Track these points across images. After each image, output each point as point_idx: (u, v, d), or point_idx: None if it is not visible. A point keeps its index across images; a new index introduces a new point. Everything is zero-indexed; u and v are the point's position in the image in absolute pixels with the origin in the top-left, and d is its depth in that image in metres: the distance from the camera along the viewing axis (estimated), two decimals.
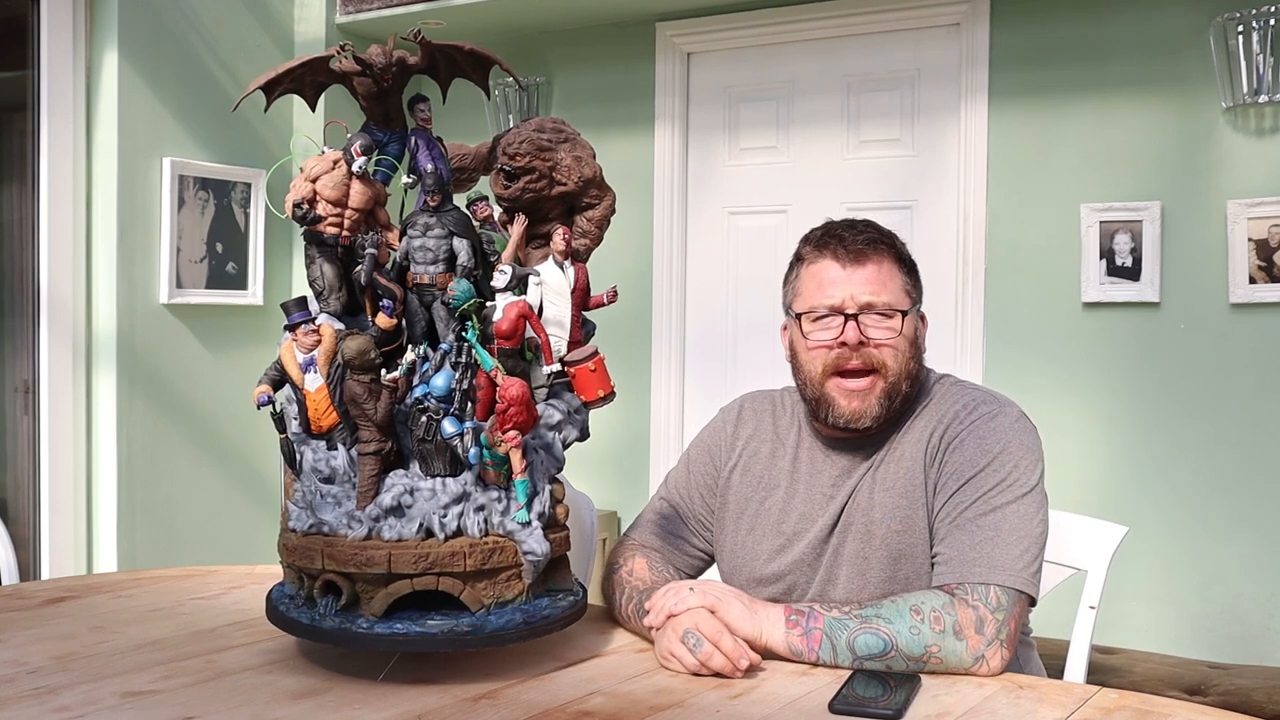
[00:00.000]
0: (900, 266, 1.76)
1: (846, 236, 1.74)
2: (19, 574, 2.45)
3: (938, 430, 1.71)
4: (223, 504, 3.95)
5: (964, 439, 1.68)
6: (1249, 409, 3.17)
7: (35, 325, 3.60)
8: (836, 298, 1.72)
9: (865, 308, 1.71)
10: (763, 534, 1.82)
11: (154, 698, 1.40)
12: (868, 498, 1.73)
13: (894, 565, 1.70)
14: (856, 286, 1.71)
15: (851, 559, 1.73)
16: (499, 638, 1.44)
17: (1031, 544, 1.61)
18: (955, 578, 1.59)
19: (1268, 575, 3.14)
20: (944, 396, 1.76)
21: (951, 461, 1.68)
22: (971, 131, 3.52)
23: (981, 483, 1.64)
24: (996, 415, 1.70)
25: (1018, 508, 1.62)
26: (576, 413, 1.59)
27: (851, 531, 1.73)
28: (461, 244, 1.57)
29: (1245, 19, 3.09)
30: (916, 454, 1.72)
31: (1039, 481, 1.67)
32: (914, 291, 1.78)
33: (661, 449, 4.01)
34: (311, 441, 1.54)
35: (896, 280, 1.74)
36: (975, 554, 1.60)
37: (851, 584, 1.72)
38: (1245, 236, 3.11)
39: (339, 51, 1.59)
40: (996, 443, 1.67)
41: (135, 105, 3.66)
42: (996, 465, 1.65)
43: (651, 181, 4.02)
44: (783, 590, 1.79)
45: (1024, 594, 1.59)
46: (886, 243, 1.76)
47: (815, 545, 1.76)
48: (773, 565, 1.80)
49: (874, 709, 1.35)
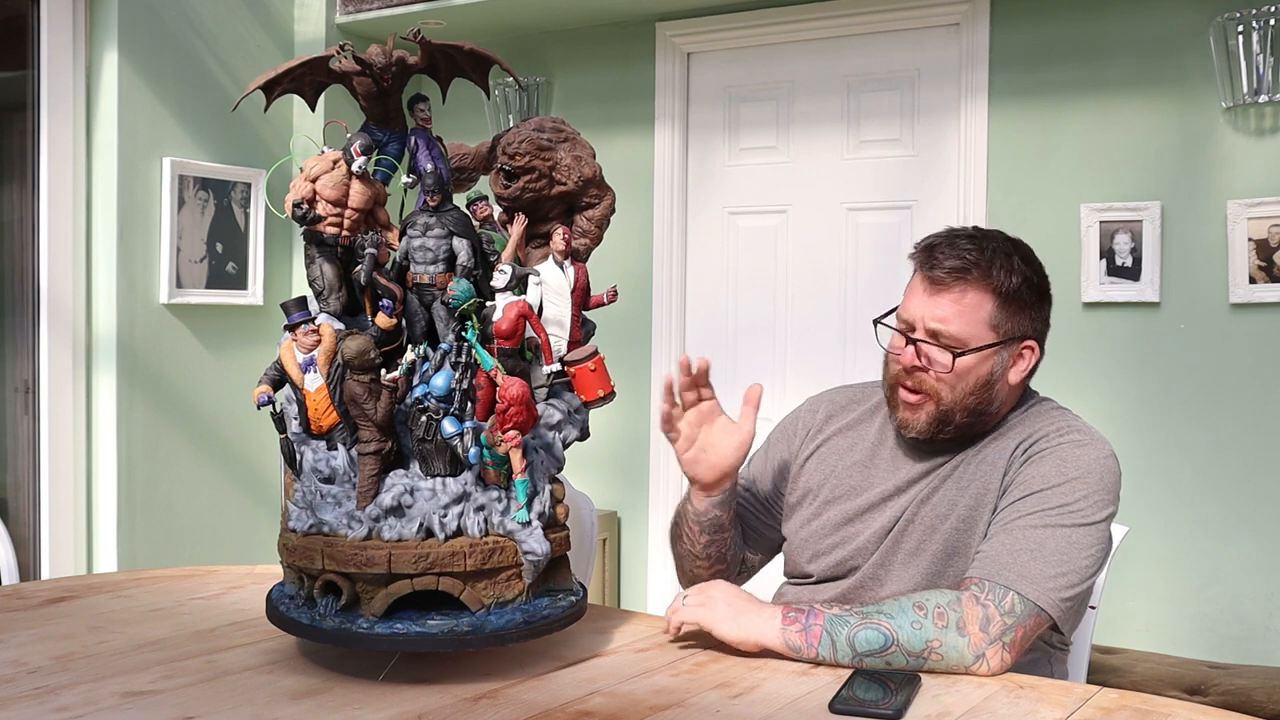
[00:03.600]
0: (994, 298, 1.69)
1: (940, 257, 1.70)
2: (19, 574, 2.45)
3: (1025, 442, 1.70)
4: (223, 504, 3.95)
5: (1045, 456, 1.67)
6: (1249, 409, 3.17)
7: (35, 325, 3.60)
8: (911, 315, 1.72)
9: (931, 335, 1.70)
10: (831, 518, 1.82)
11: (154, 698, 1.40)
12: (941, 494, 1.73)
13: (945, 561, 1.70)
14: (929, 310, 1.70)
15: (910, 550, 1.73)
16: (499, 638, 1.45)
17: (1071, 571, 1.58)
18: (980, 573, 1.58)
19: (1268, 575, 3.14)
20: (1042, 415, 1.76)
21: (1026, 473, 1.67)
22: (971, 131, 3.52)
23: (1047, 499, 1.62)
24: (1086, 445, 1.68)
25: (1071, 534, 1.60)
26: (576, 413, 1.59)
27: (916, 523, 1.73)
28: (461, 244, 1.57)
29: (1245, 19, 3.09)
30: (999, 461, 1.71)
31: (1105, 520, 1.64)
32: (1010, 326, 1.71)
33: (662, 449, 4.01)
34: (311, 441, 1.54)
35: (979, 313, 1.69)
36: (1010, 559, 1.58)
37: (903, 572, 1.72)
38: (1245, 236, 3.11)
39: (339, 51, 1.59)
40: (1076, 469, 1.65)
41: (135, 105, 3.66)
42: (1068, 489, 1.63)
43: (651, 181, 4.02)
44: (843, 571, 1.79)
45: (1045, 612, 1.56)
46: (982, 271, 1.69)
47: (879, 533, 1.76)
48: (837, 550, 1.80)
49: (874, 709, 1.35)
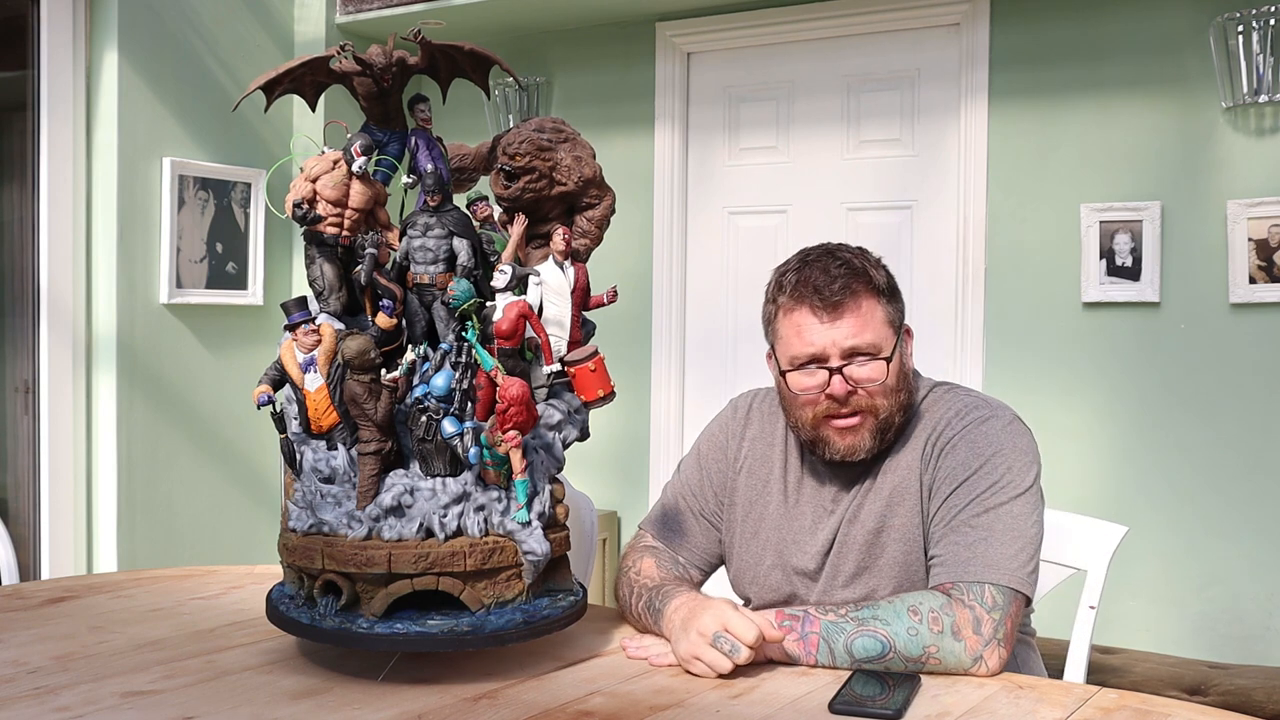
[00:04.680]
0: (880, 299, 1.69)
1: (823, 286, 1.67)
2: (19, 574, 2.45)
3: (931, 437, 1.71)
4: (223, 504, 3.95)
5: (956, 444, 1.68)
6: (1249, 409, 3.17)
7: (35, 325, 3.60)
8: (818, 346, 1.67)
9: (849, 353, 1.67)
10: (765, 542, 1.81)
11: (154, 698, 1.40)
12: (867, 509, 1.72)
13: (895, 575, 1.70)
14: (838, 334, 1.66)
15: (852, 572, 1.73)
16: (499, 638, 1.45)
17: (1026, 544, 1.61)
18: (950, 577, 1.59)
19: (1268, 575, 3.14)
20: (937, 404, 1.75)
21: (945, 466, 1.68)
22: (971, 131, 3.52)
23: (975, 485, 1.64)
24: (989, 419, 1.69)
25: (1011, 508, 1.62)
26: (576, 413, 1.59)
27: (850, 544, 1.73)
28: (461, 244, 1.57)
29: (1245, 19, 3.09)
30: (912, 463, 1.71)
31: (1034, 483, 1.66)
32: (897, 318, 1.72)
33: (661, 449, 4.01)
34: (311, 441, 1.54)
35: (877, 316, 1.69)
36: (970, 554, 1.60)
37: (854, 594, 1.72)
38: (1245, 236, 3.11)
39: (339, 51, 1.59)
40: (989, 446, 1.66)
41: (135, 105, 3.66)
42: (989, 468, 1.65)
43: (651, 181, 4.02)
44: (784, 599, 1.79)
45: (1020, 593, 1.58)
46: (862, 279, 1.68)
47: (817, 558, 1.76)
48: (774, 575, 1.79)
49: (874, 709, 1.35)
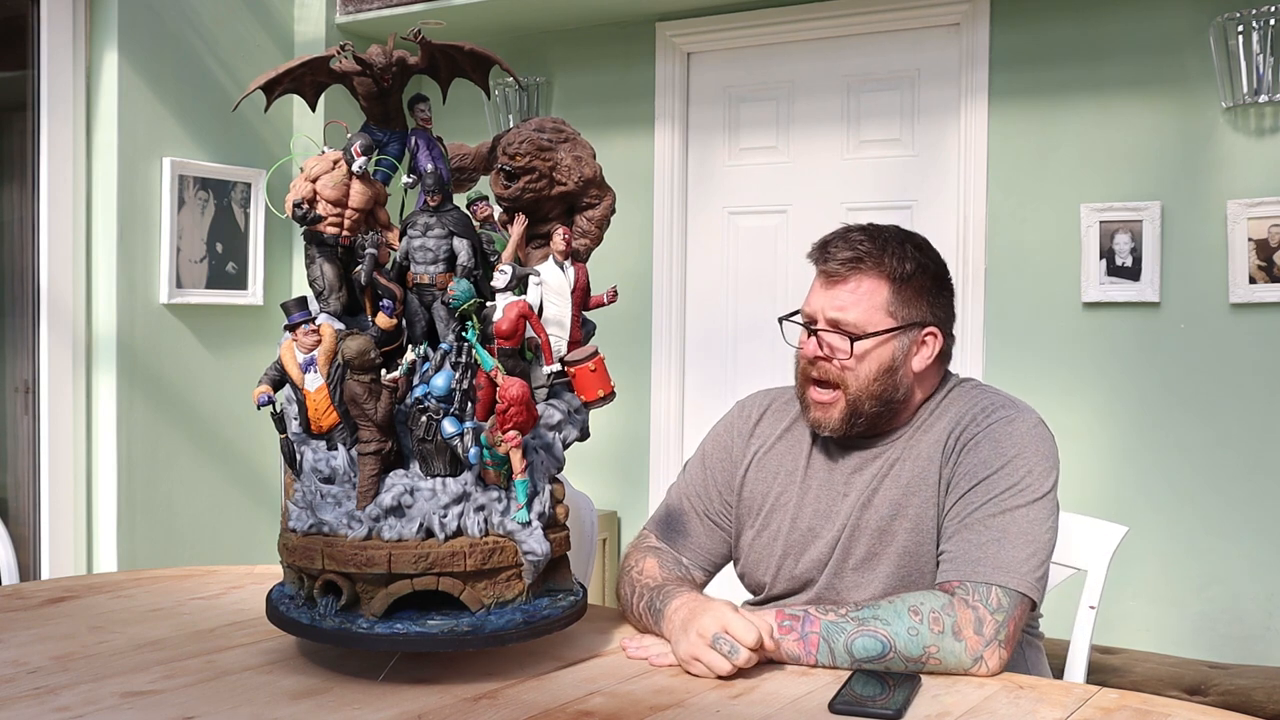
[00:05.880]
0: (889, 284, 1.73)
1: (834, 251, 1.75)
2: (19, 574, 2.45)
3: (954, 431, 1.71)
4: (223, 504, 3.95)
5: (979, 441, 1.68)
6: (1249, 409, 3.17)
7: (35, 325, 3.60)
8: (812, 307, 1.77)
9: (832, 324, 1.73)
10: (777, 532, 1.82)
11: (154, 698, 1.40)
12: (881, 496, 1.73)
13: (901, 563, 1.70)
14: (828, 302, 1.74)
15: (863, 557, 1.73)
16: (499, 638, 1.44)
17: (1039, 549, 1.61)
18: (958, 576, 1.59)
19: (1268, 575, 3.14)
20: (963, 398, 1.76)
21: (965, 462, 1.68)
22: (971, 131, 3.52)
23: (994, 485, 1.64)
24: (1014, 420, 1.69)
25: (1028, 512, 1.62)
26: (576, 413, 1.59)
27: (862, 529, 1.73)
28: (461, 244, 1.57)
29: (1245, 19, 3.09)
30: (933, 454, 1.71)
31: (1051, 489, 1.66)
32: (904, 311, 1.73)
33: (661, 449, 4.01)
34: (311, 441, 1.54)
35: (875, 299, 1.72)
36: (980, 554, 1.59)
37: (860, 580, 1.73)
38: (1245, 236, 3.11)
39: (339, 51, 1.59)
40: (1012, 447, 1.66)
41: (135, 105, 3.66)
42: (1010, 469, 1.64)
43: (651, 181, 4.02)
44: (799, 586, 1.79)
45: (1026, 597, 1.58)
46: (873, 260, 1.73)
47: (829, 544, 1.76)
48: (788, 564, 1.80)
49: (874, 709, 1.35)
